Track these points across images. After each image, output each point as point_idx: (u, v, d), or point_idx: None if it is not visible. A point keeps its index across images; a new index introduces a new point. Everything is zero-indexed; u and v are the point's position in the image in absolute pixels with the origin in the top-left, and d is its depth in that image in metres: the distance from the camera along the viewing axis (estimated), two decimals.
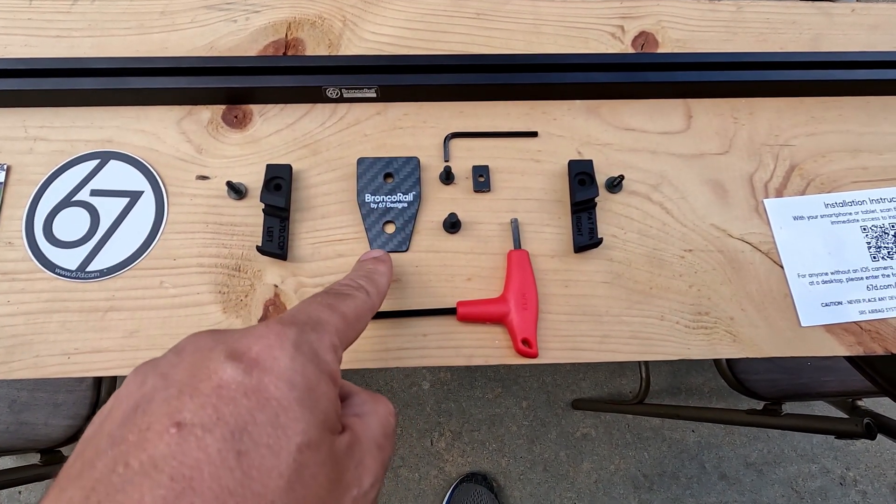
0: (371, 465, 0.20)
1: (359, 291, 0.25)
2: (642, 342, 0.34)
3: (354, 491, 0.19)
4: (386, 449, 0.21)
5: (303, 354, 0.18)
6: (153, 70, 0.37)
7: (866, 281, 0.36)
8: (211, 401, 0.16)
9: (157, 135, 0.37)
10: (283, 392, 0.17)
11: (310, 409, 0.17)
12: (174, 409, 0.16)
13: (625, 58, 0.39)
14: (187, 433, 0.15)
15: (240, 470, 0.15)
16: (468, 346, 0.33)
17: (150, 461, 0.14)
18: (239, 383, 0.16)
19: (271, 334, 0.18)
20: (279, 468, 0.16)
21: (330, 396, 0.19)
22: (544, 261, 0.35)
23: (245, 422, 0.16)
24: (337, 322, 0.22)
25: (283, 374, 0.17)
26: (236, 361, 0.17)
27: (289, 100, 0.38)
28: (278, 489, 0.15)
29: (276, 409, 0.16)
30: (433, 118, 0.38)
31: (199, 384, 0.16)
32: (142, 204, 0.35)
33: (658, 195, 0.37)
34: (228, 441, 0.15)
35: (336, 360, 0.20)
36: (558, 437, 1.20)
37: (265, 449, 0.15)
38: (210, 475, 0.14)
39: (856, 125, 0.39)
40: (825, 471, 1.21)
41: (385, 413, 0.22)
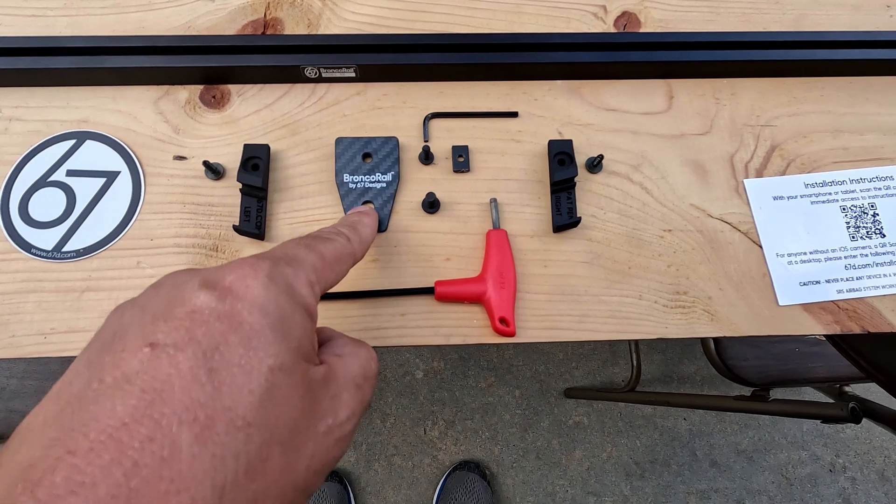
0: (348, 400, 0.20)
1: (339, 237, 0.25)
2: (620, 321, 0.34)
3: (329, 420, 0.19)
4: (364, 389, 0.22)
5: (276, 285, 0.19)
6: (130, 49, 0.36)
7: (844, 260, 0.36)
8: (184, 324, 0.16)
9: (133, 115, 0.36)
10: (255, 318, 0.17)
11: (283, 336, 0.18)
12: (148, 333, 0.16)
13: (606, 37, 0.38)
14: (160, 352, 0.15)
15: (210, 385, 0.15)
16: (446, 325, 0.33)
17: (122, 376, 0.15)
18: (212, 309, 0.17)
19: (246, 266, 0.19)
20: (250, 386, 0.16)
21: (304, 326, 0.19)
22: (524, 241, 0.35)
23: (217, 342, 0.16)
24: (314, 260, 0.22)
25: (255, 301, 0.18)
26: (210, 289, 0.17)
27: (267, 80, 0.37)
28: (249, 405, 0.16)
29: (249, 332, 0.17)
30: (413, 98, 0.38)
31: (173, 310, 0.17)
32: (118, 184, 0.35)
33: (638, 175, 0.37)
34: (200, 359, 0.16)
35: (312, 295, 0.20)
36: (551, 426, 1.21)
37: (237, 368, 0.16)
38: (180, 388, 0.15)
39: (837, 105, 0.39)
40: (815, 458, 1.22)
41: (366, 357, 0.23)
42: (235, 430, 0.15)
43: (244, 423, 0.15)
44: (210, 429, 0.15)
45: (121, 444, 0.14)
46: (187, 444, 0.14)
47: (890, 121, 0.39)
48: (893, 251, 0.36)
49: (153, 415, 0.14)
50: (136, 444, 0.14)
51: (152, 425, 0.14)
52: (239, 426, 0.15)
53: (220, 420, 0.15)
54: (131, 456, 0.13)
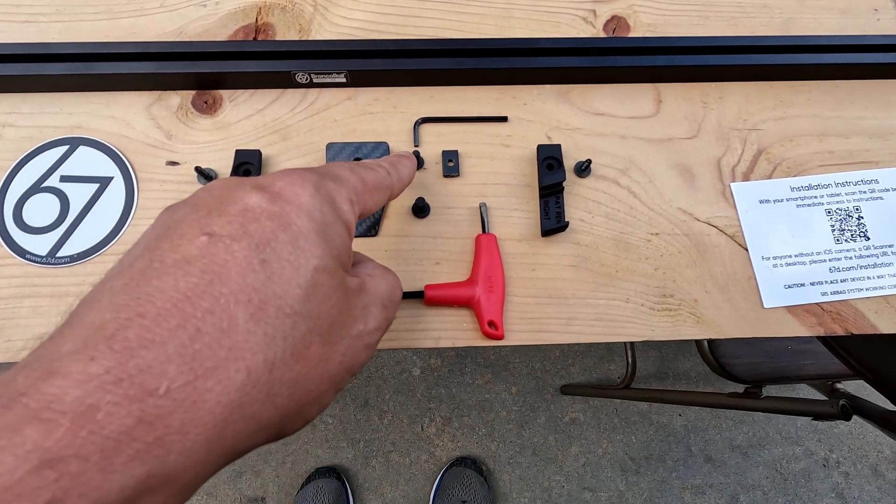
0: (376, 314, 0.22)
1: (381, 168, 0.26)
2: (607, 324, 0.34)
3: (360, 325, 0.21)
4: (389, 310, 0.23)
5: (321, 196, 0.20)
6: (122, 55, 0.37)
7: (829, 263, 0.36)
8: (238, 219, 0.17)
9: (126, 120, 0.37)
10: (303, 221, 0.18)
11: (326, 241, 0.19)
12: (204, 224, 0.17)
13: (596, 42, 0.39)
14: (216, 241, 0.17)
15: (263, 273, 0.17)
16: (436, 328, 0.34)
17: (182, 258, 0.16)
18: (263, 209, 0.18)
19: (295, 175, 0.20)
20: (297, 280, 0.17)
21: (343, 238, 0.20)
22: (512, 245, 0.36)
23: (268, 238, 0.17)
24: (356, 182, 0.23)
25: (303, 206, 0.19)
26: (261, 192, 0.19)
27: (259, 85, 0.38)
28: (296, 297, 0.17)
29: (297, 233, 0.18)
30: (403, 103, 0.38)
31: (227, 207, 0.18)
32: (112, 190, 0.35)
33: (626, 179, 0.37)
34: (253, 250, 0.17)
35: (351, 212, 0.22)
36: (547, 422, 1.22)
37: (286, 262, 0.17)
38: (236, 273, 0.16)
39: (823, 109, 0.39)
40: (809, 453, 1.23)
41: (393, 281, 0.24)
42: (284, 316, 0.17)
43: (292, 310, 0.17)
44: (262, 310, 0.16)
45: (185, 312, 0.15)
46: (243, 320, 0.16)
47: (875, 124, 0.39)
48: (877, 254, 0.36)
49: (213, 292, 0.16)
50: (198, 314, 0.15)
51: (212, 300, 0.15)
52: (287, 313, 0.17)
53: (271, 305, 0.16)
54: (195, 323, 0.15)
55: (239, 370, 0.15)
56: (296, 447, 1.15)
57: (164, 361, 0.14)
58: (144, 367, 0.14)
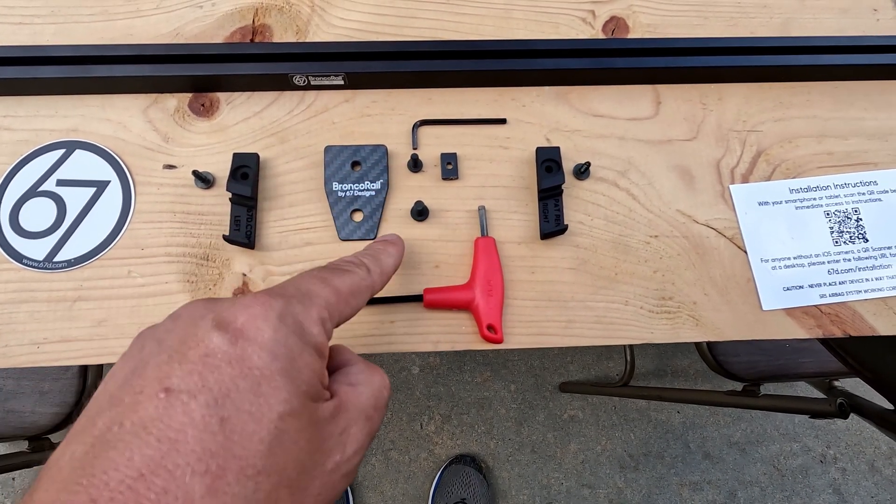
0: (356, 433, 0.21)
1: (358, 268, 0.25)
2: (606, 327, 0.34)
3: (337, 456, 0.20)
4: (374, 420, 0.22)
5: (286, 326, 0.19)
6: (118, 58, 0.36)
7: (828, 265, 0.36)
8: (197, 368, 0.17)
9: (122, 123, 0.36)
10: (265, 362, 0.18)
11: (291, 379, 0.18)
12: (164, 375, 0.17)
13: (594, 43, 0.39)
14: (174, 398, 0.16)
15: (222, 434, 0.16)
16: (435, 332, 0.34)
17: (140, 422, 0.16)
18: (224, 352, 0.17)
19: (257, 305, 0.19)
20: (260, 434, 0.17)
21: (313, 367, 0.19)
22: (511, 247, 0.36)
23: (228, 389, 0.17)
24: (327, 295, 0.22)
25: (265, 344, 0.18)
26: (222, 331, 0.18)
27: (256, 87, 0.38)
28: (259, 453, 0.16)
29: (259, 378, 0.17)
30: (401, 105, 0.38)
31: (187, 351, 0.17)
32: (108, 193, 0.35)
33: (625, 181, 0.37)
34: (212, 407, 0.16)
35: (323, 333, 0.21)
36: (546, 420, 1.22)
37: (247, 415, 0.17)
38: (193, 438, 0.15)
39: (822, 110, 0.39)
40: (806, 449, 1.24)
41: (379, 385, 0.23)
42: (245, 479, 0.16)
43: (254, 471, 0.16)
44: (221, 478, 0.15)
45: (138, 494, 0.14)
46: (199, 495, 0.15)
47: (874, 125, 0.39)
48: (876, 256, 0.36)
49: (168, 465, 0.15)
50: (152, 496, 0.14)
51: (167, 476, 0.15)
52: (249, 474, 0.16)
53: (231, 469, 0.16)
54: None
55: None
56: None
57: None
58: None
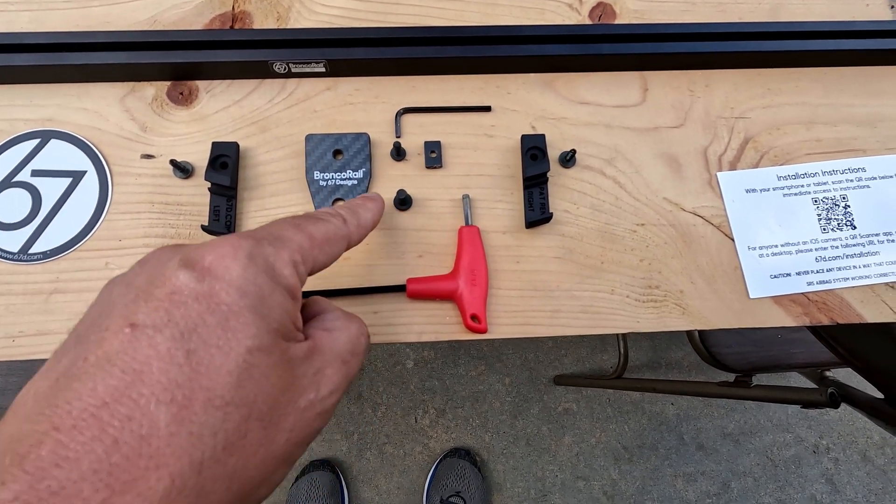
0: (331, 375, 0.21)
1: (334, 217, 0.25)
2: (592, 316, 0.34)
3: (311, 395, 0.20)
4: (351, 364, 0.22)
5: (256, 265, 0.19)
6: (94, 45, 0.35)
7: (815, 253, 0.36)
8: (164, 305, 0.17)
9: (99, 113, 0.36)
10: (233, 299, 0.18)
11: (261, 316, 0.18)
12: (130, 313, 0.17)
13: (581, 29, 0.38)
14: (139, 333, 0.16)
15: (188, 366, 0.16)
16: (418, 322, 0.33)
17: (104, 356, 0.16)
18: (191, 289, 0.17)
19: (226, 245, 0.19)
20: (228, 366, 0.17)
21: (285, 307, 0.19)
22: (496, 237, 0.35)
23: (195, 323, 0.17)
24: (301, 240, 0.22)
25: (234, 281, 0.18)
26: (189, 269, 0.18)
27: (236, 75, 0.37)
28: (227, 385, 0.16)
29: (227, 313, 0.17)
30: (385, 93, 0.37)
31: (154, 290, 0.17)
32: (85, 184, 0.34)
33: (612, 170, 0.37)
34: (178, 340, 0.16)
35: (294, 275, 0.20)
36: (540, 413, 1.22)
37: (214, 349, 0.17)
38: (159, 369, 0.16)
39: (811, 97, 0.39)
40: (799, 439, 1.24)
41: (356, 331, 0.23)
42: (213, 409, 0.16)
43: (222, 402, 0.16)
44: (187, 408, 0.15)
45: (102, 422, 0.14)
46: (165, 423, 0.15)
47: (863, 112, 0.39)
48: (864, 243, 0.36)
49: (132, 395, 0.15)
50: (116, 423, 0.14)
51: (131, 405, 0.15)
52: (217, 405, 0.16)
53: (198, 399, 0.16)
54: (111, 434, 0.14)
55: (161, 478, 0.15)
56: None
57: (78, 480, 0.14)
58: (57, 488, 0.13)
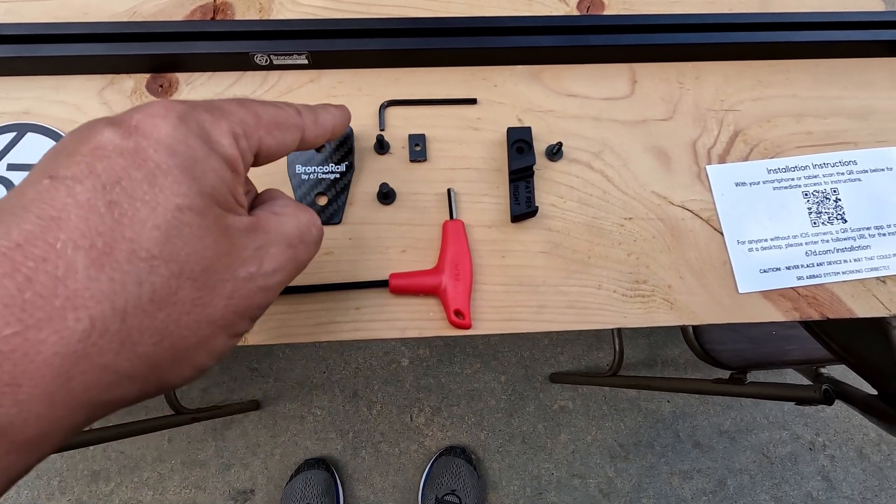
0: (276, 254, 0.20)
1: (288, 107, 0.23)
2: (579, 311, 0.34)
3: (252, 268, 0.19)
4: (298, 250, 0.21)
5: (188, 127, 0.18)
6: (72, 36, 0.35)
7: (805, 247, 0.35)
8: (85, 159, 0.16)
9: (77, 105, 0.35)
10: (161, 157, 0.17)
11: (193, 178, 0.17)
12: (50, 167, 0.16)
13: (569, 20, 0.37)
14: (58, 183, 0.16)
15: (110, 216, 0.16)
16: (402, 318, 0.33)
17: (19, 204, 0.15)
18: (115, 145, 0.17)
19: (157, 105, 0.18)
20: (155, 220, 0.16)
21: (221, 174, 0.18)
22: (482, 231, 0.35)
23: (119, 177, 0.16)
24: (244, 115, 0.20)
25: (162, 139, 0.17)
26: (115, 126, 0.17)
27: (217, 67, 0.36)
28: (153, 239, 0.16)
29: (154, 170, 0.17)
30: (369, 86, 0.37)
31: (78, 147, 0.17)
32: None
33: (599, 163, 0.36)
34: (99, 191, 0.16)
35: (234, 146, 0.19)
36: (536, 410, 1.22)
37: (140, 203, 0.16)
38: (77, 216, 0.15)
39: (802, 89, 0.38)
40: (795, 437, 1.24)
41: (307, 221, 0.22)
42: (138, 260, 0.16)
43: (148, 254, 0.16)
44: (108, 255, 0.15)
45: (14, 261, 0.14)
46: (83, 266, 0.15)
47: (854, 104, 0.38)
48: (854, 237, 0.36)
49: (48, 238, 0.15)
50: (29, 263, 0.14)
51: (46, 247, 0.15)
52: (143, 257, 0.16)
53: (121, 249, 0.15)
54: (24, 272, 0.14)
55: (80, 319, 0.15)
56: (284, 439, 1.15)
57: None
58: None
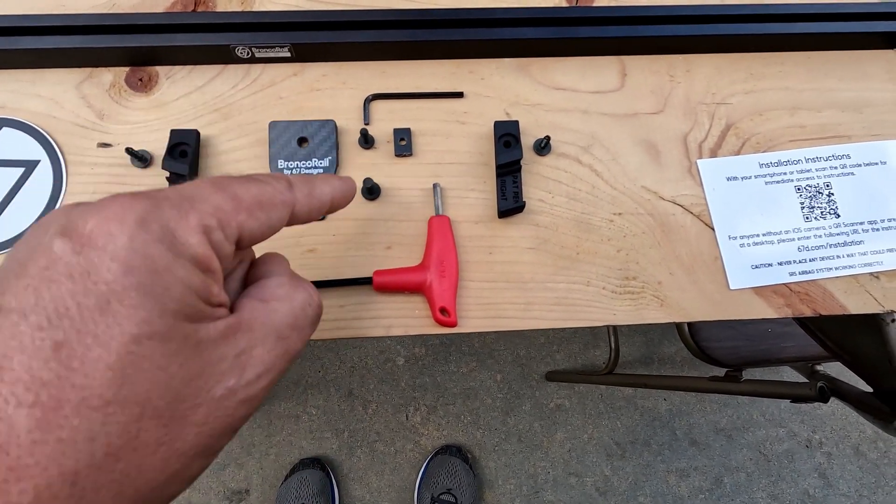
0: (262, 355, 0.18)
1: (277, 182, 0.21)
2: (567, 308, 0.33)
3: (231, 381, 0.17)
4: (291, 340, 0.19)
5: (148, 232, 0.16)
6: (49, 28, 0.34)
7: (798, 242, 0.35)
8: (34, 283, 0.15)
9: (54, 100, 0.34)
10: (115, 276, 0.15)
11: (153, 297, 0.15)
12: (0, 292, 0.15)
13: (558, 12, 0.37)
14: (3, 318, 0.14)
15: (56, 361, 0.14)
16: (386, 316, 0.32)
17: None
18: (66, 263, 0.15)
19: (115, 206, 0.16)
20: (108, 360, 0.14)
21: (189, 282, 0.16)
22: (468, 227, 0.34)
23: (67, 306, 0.14)
24: (220, 201, 0.18)
25: (117, 254, 0.15)
26: (66, 237, 0.15)
27: (198, 61, 0.35)
28: (106, 381, 0.14)
29: (107, 294, 0.15)
30: (353, 79, 0.36)
31: (28, 264, 0.15)
32: (38, 174, 0.33)
33: (588, 157, 0.36)
34: (45, 329, 0.14)
35: (205, 243, 0.17)
36: (532, 409, 1.21)
37: (91, 338, 0.14)
38: (20, 364, 0.14)
39: (796, 82, 0.38)
40: (792, 434, 1.24)
41: (301, 301, 0.20)
42: (89, 411, 0.14)
43: (101, 401, 0.14)
44: (55, 411, 0.14)
45: None
46: (26, 429, 0.13)
47: (849, 96, 0.37)
48: (848, 232, 0.35)
49: None
50: None
51: None
52: (95, 406, 0.14)
53: (69, 401, 0.14)
54: None
55: (24, 491, 0.13)
56: (279, 439, 1.14)
57: None
58: None
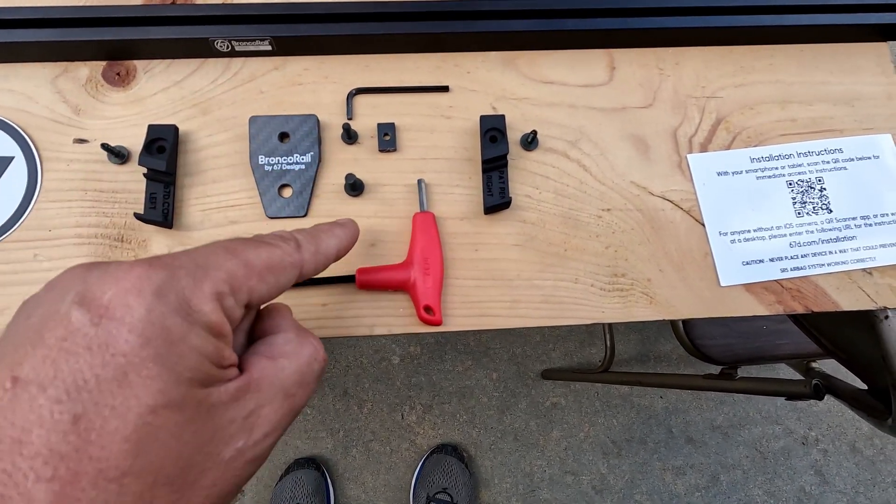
0: (269, 414, 0.19)
1: (285, 242, 0.22)
2: (554, 306, 0.32)
3: (240, 443, 0.18)
4: (297, 397, 0.20)
5: (165, 303, 0.16)
6: (22, 21, 0.33)
7: (789, 238, 0.34)
8: (52, 354, 0.15)
9: (28, 95, 0.33)
10: (132, 347, 0.15)
11: (169, 367, 0.16)
12: (16, 361, 0.15)
13: (545, 3, 0.36)
14: (21, 390, 0.14)
15: (75, 434, 0.14)
16: (369, 314, 0.31)
17: None
18: (84, 335, 0.15)
19: (132, 276, 0.16)
20: (124, 431, 0.15)
21: (203, 350, 0.17)
22: (453, 223, 0.33)
23: (85, 380, 0.15)
24: (232, 267, 0.19)
25: (135, 326, 0.15)
26: (85, 308, 0.15)
27: (176, 54, 0.35)
28: (123, 453, 0.14)
29: (124, 366, 0.15)
30: (336, 73, 0.35)
31: (45, 332, 0.15)
32: (12, 171, 0.32)
33: (576, 152, 0.35)
34: (64, 402, 0.14)
35: (218, 310, 0.18)
36: (528, 407, 1.21)
37: (108, 410, 0.14)
38: (39, 438, 0.14)
39: (786, 75, 0.37)
40: (788, 431, 1.23)
41: (308, 358, 0.21)
42: (106, 482, 0.14)
43: (118, 473, 0.14)
44: (73, 484, 0.14)
45: None
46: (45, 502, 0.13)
47: (840, 90, 0.37)
48: (840, 227, 0.34)
49: (7, 468, 0.13)
50: None
51: (6, 480, 0.13)
52: (111, 477, 0.14)
53: (87, 473, 0.14)
54: None
55: None
56: None
57: None
58: None
